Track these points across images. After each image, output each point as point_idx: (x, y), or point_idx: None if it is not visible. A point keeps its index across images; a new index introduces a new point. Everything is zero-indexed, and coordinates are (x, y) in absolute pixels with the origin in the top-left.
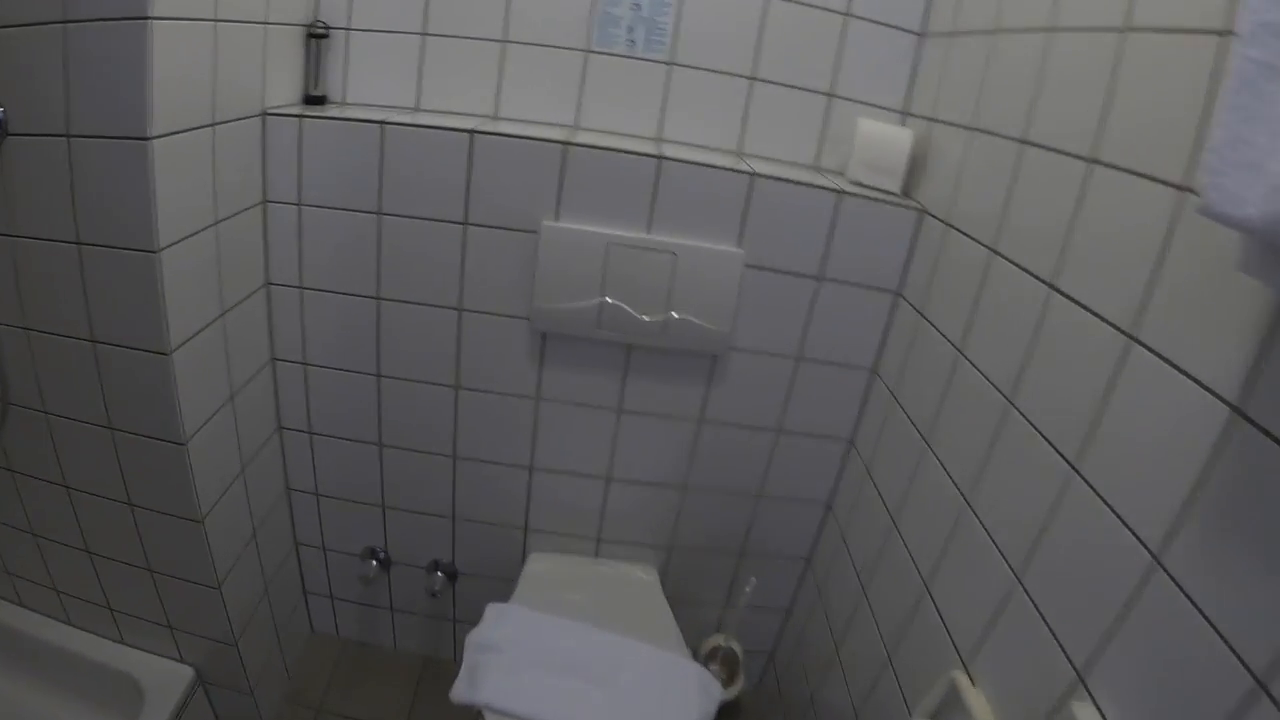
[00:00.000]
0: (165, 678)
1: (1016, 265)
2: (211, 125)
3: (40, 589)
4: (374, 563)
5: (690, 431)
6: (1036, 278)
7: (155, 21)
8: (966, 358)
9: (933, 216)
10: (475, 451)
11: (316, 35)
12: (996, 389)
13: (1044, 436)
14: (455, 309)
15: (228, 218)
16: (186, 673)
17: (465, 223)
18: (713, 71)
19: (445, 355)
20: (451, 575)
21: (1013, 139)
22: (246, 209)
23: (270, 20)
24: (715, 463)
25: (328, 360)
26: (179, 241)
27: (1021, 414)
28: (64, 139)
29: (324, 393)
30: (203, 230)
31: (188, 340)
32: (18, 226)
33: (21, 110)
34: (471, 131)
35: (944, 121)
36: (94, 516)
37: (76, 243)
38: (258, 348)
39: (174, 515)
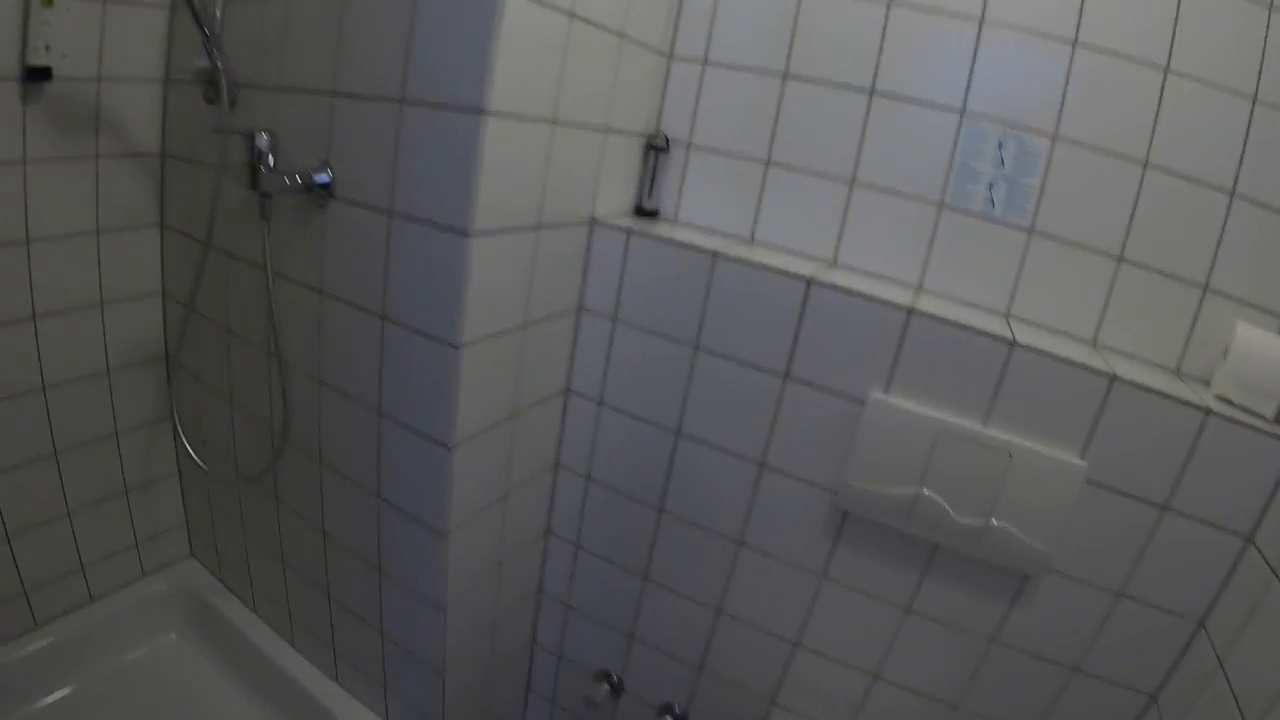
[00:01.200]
0: None
1: None
2: (536, 229)
3: (275, 606)
4: (606, 687)
5: (978, 649)
6: None
7: (491, 117)
8: None
9: None
10: (742, 611)
11: (656, 148)
12: None
13: None
14: (756, 463)
15: (538, 321)
16: None
17: (785, 375)
18: (1075, 245)
19: (735, 507)
20: None
21: None
22: (559, 314)
23: (611, 128)
24: (996, 688)
25: (611, 479)
26: (484, 339)
27: None
28: (385, 215)
29: (600, 510)
30: (511, 330)
31: (473, 436)
32: (329, 285)
33: (350, 178)
34: (808, 280)
35: None
36: (341, 568)
37: (382, 317)
38: (543, 452)
39: (420, 595)
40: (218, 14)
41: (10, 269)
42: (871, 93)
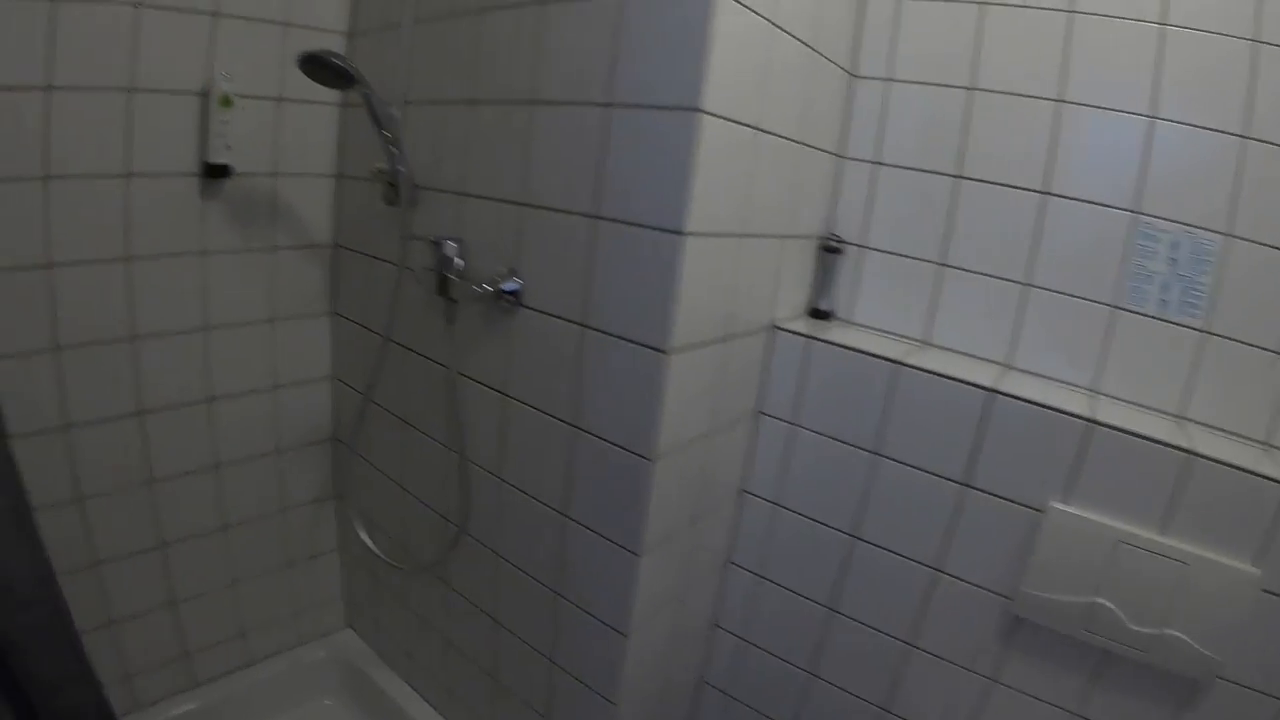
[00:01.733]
0: None
1: None
2: (724, 340)
3: (432, 680)
4: None
5: None
6: None
7: (689, 238)
8: None
9: None
10: (909, 713)
11: (830, 249)
12: None
13: None
14: (932, 568)
15: (721, 428)
16: None
17: (964, 484)
18: (1249, 346)
19: (906, 610)
20: None
21: None
22: (739, 418)
23: (791, 234)
24: None
25: (781, 578)
26: (673, 450)
27: None
28: (578, 327)
29: (767, 606)
30: (697, 439)
31: (658, 544)
32: (515, 389)
33: (539, 286)
34: (989, 390)
35: None
36: (510, 656)
37: (572, 426)
38: (717, 550)
39: (591, 689)
40: (397, 116)
41: (190, 355)
42: (1044, 192)
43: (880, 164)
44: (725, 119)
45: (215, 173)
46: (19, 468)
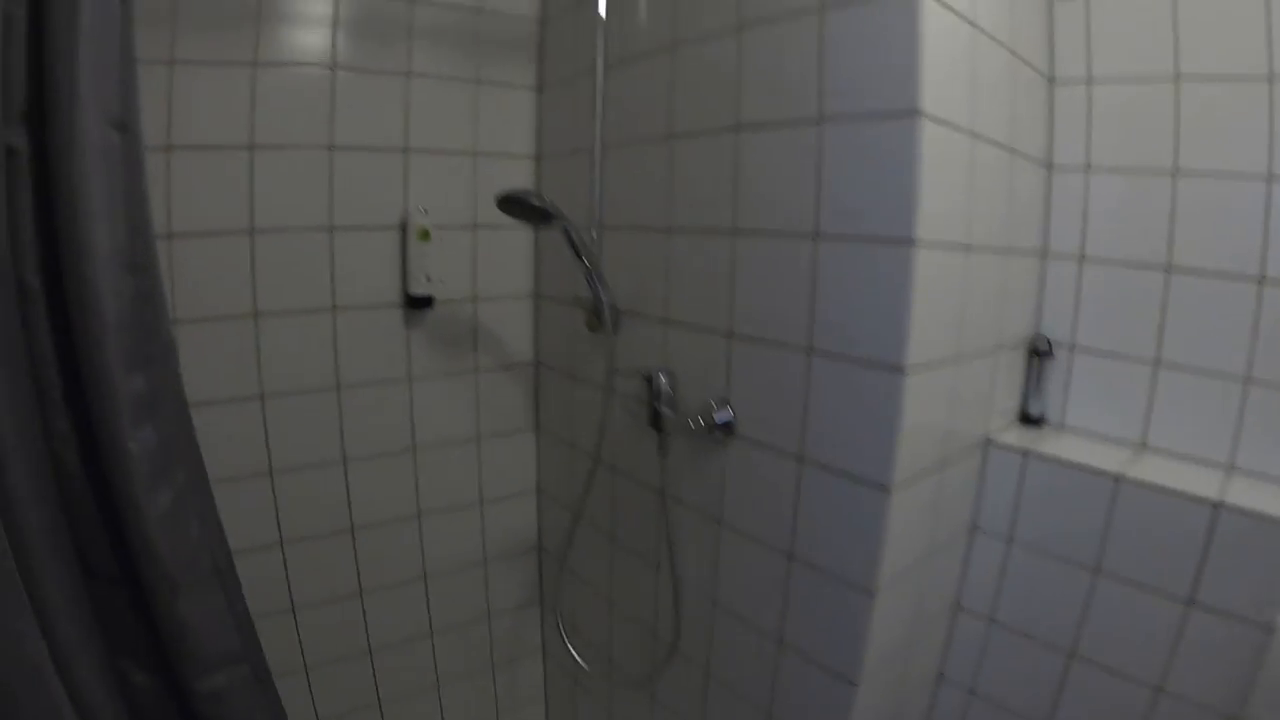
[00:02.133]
0: None
1: None
2: (941, 468)
3: None
4: None
5: None
6: None
7: (909, 375)
8: None
9: None
10: None
11: (1039, 353)
12: None
13: None
14: (1152, 687)
15: (937, 549)
16: None
17: (1188, 602)
18: None
19: None
20: None
21: None
22: (953, 538)
23: (1000, 345)
24: None
25: (995, 695)
26: (893, 580)
27: None
28: (795, 461)
29: None
30: (914, 565)
31: (874, 673)
32: (729, 518)
33: (753, 417)
34: (1215, 504)
35: None
36: None
37: (788, 556)
38: (929, 669)
39: None
40: (594, 241)
41: (399, 475)
42: (1261, 281)
43: (1085, 259)
44: (937, 244)
45: (417, 304)
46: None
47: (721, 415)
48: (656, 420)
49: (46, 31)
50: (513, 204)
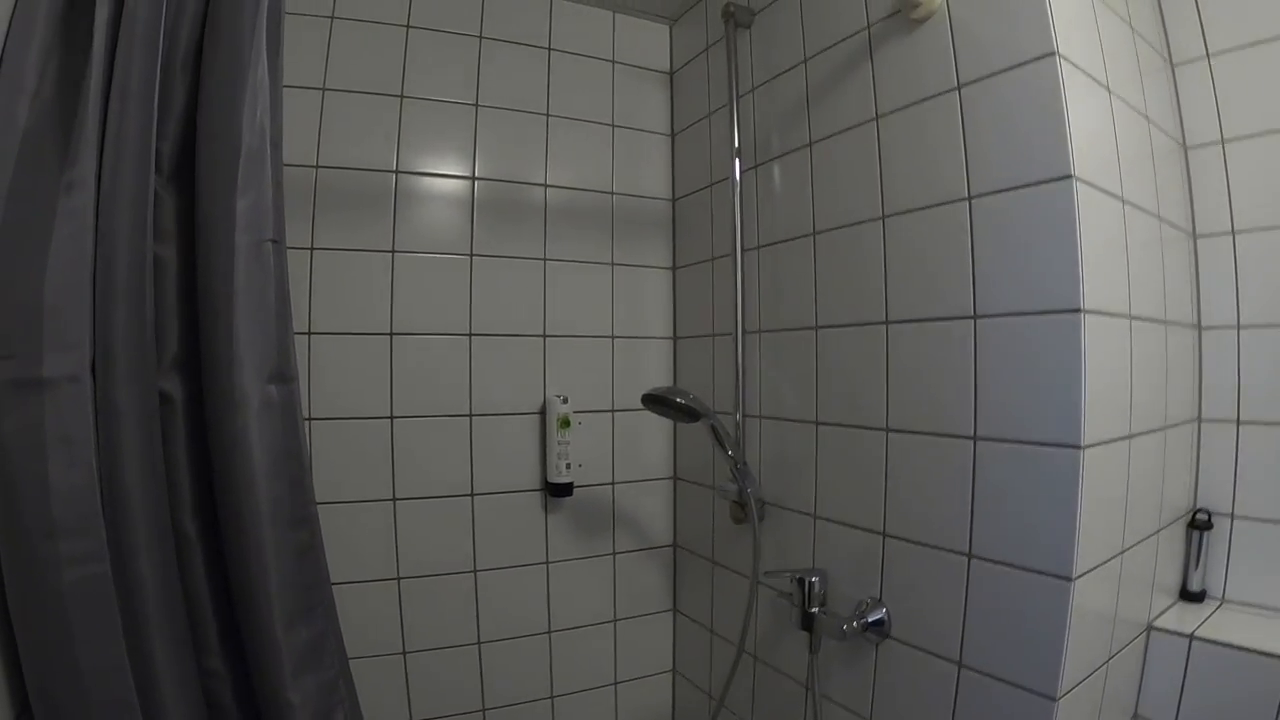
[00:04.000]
0: None
1: None
2: (1105, 668)
3: None
4: None
5: None
6: None
7: (1077, 583)
8: None
9: None
10: None
11: (1198, 526)
12: None
13: None
14: None
15: None
16: None
17: None
18: None
19: None
20: None
21: None
22: None
23: (1161, 527)
24: None
25: None
26: None
27: None
28: (953, 666)
29: None
30: None
31: None
32: (880, 717)
33: (907, 618)
34: None
35: None
36: None
37: None
38: None
39: None
40: (741, 433)
41: (535, 657)
42: None
43: (1241, 422)
44: (1099, 441)
45: (558, 491)
46: None
47: (875, 615)
48: (809, 624)
49: (200, 279)
50: (658, 403)
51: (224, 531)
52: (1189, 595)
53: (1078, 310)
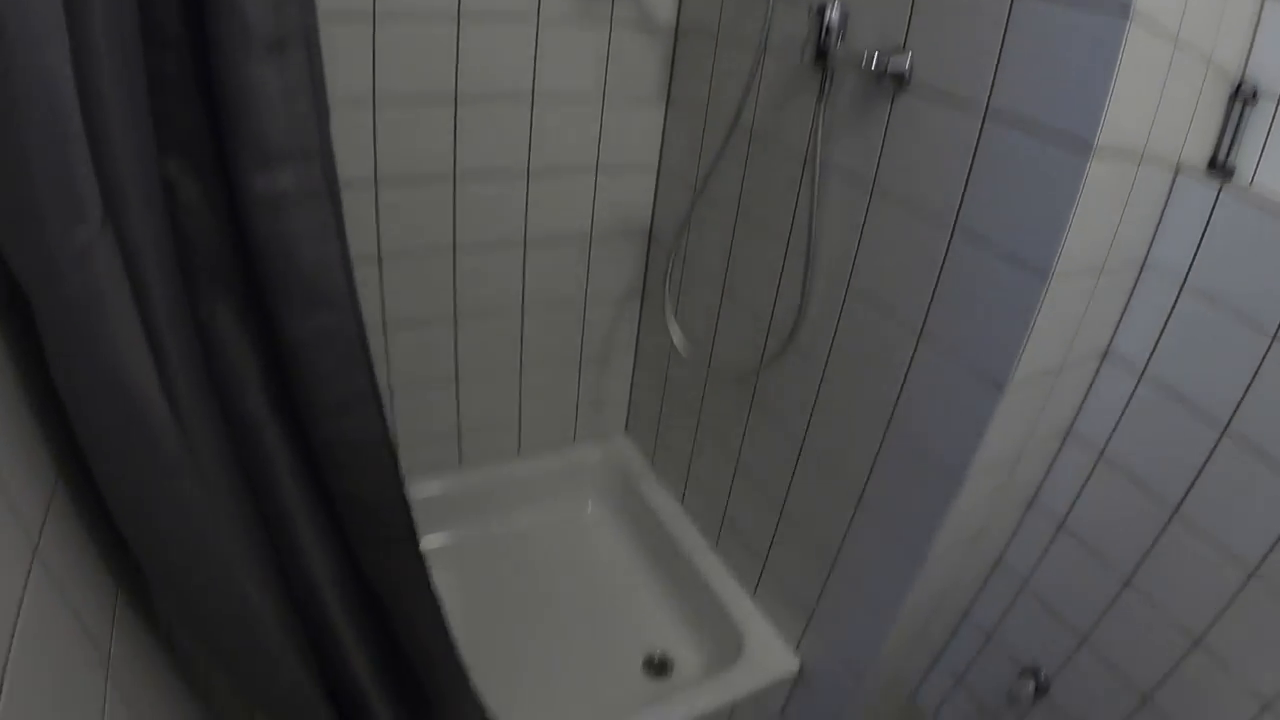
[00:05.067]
0: (769, 656)
1: None
2: (1139, 159)
3: (708, 504)
4: (1032, 685)
5: None
6: None
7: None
8: None
9: None
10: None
11: (1243, 98)
12: None
13: None
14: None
15: (1108, 271)
16: (791, 664)
17: None
18: None
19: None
20: None
21: None
22: (1124, 266)
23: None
24: None
25: (1081, 537)
26: (1070, 274)
27: None
28: (976, 115)
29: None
30: (1088, 270)
31: (1026, 380)
32: (884, 184)
33: (931, 68)
34: None
35: None
36: (809, 487)
37: (950, 230)
38: (1023, 490)
39: (895, 540)
40: None
41: (514, 122)
42: None
43: None
44: None
45: None
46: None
47: (899, 61)
48: (823, 55)
49: None
50: None
51: None
52: (1218, 168)
53: None
